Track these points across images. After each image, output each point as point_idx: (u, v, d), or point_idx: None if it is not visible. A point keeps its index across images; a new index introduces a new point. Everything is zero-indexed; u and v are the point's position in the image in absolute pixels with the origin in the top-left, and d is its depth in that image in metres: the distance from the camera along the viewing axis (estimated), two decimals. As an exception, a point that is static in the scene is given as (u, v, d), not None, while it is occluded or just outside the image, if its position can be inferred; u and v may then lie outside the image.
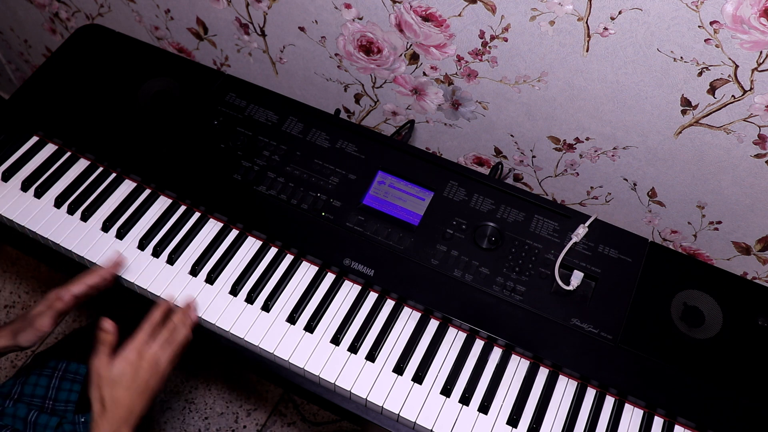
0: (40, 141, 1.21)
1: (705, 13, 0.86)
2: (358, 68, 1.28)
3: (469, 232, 1.10)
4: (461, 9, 1.04)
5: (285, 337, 1.02)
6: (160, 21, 1.47)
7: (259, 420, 1.73)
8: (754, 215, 1.13)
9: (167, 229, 1.12)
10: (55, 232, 1.11)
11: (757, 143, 1.01)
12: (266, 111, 1.22)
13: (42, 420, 1.09)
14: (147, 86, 1.26)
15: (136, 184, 1.17)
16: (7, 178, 1.16)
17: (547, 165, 1.28)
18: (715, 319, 1.04)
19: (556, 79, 1.08)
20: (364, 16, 1.16)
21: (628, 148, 1.14)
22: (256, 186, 1.14)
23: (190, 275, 1.08)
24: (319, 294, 1.07)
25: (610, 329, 1.02)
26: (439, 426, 0.96)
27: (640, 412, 0.99)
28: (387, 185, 1.14)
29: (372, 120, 1.42)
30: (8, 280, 1.90)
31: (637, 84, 1.01)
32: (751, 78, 0.92)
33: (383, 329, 1.04)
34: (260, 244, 1.11)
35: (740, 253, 1.23)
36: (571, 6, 0.94)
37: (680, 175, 1.14)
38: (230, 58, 1.47)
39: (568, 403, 1.00)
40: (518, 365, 1.02)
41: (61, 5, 1.59)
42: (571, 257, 1.08)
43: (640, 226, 1.30)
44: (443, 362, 1.02)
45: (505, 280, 1.06)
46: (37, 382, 1.17)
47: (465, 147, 1.34)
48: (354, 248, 1.08)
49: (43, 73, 1.28)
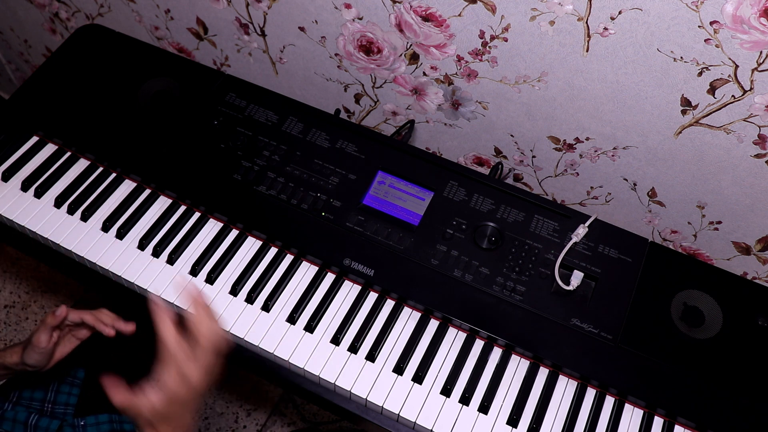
0: (40, 141, 1.21)
1: (705, 13, 0.86)
2: (358, 68, 1.28)
3: (469, 232, 1.10)
4: (461, 9, 1.04)
5: (285, 337, 1.02)
6: (160, 21, 1.47)
7: (259, 420, 1.73)
8: (754, 215, 1.13)
9: (167, 229, 1.12)
10: (55, 232, 1.11)
11: (757, 143, 1.01)
12: (266, 111, 1.22)
13: (43, 423, 1.09)
14: (147, 86, 1.26)
15: (136, 184, 1.17)
16: (7, 178, 1.16)
17: (547, 165, 1.28)
18: (715, 319, 1.04)
19: (556, 79, 1.08)
20: (364, 16, 1.16)
21: (628, 148, 1.14)
22: (256, 186, 1.14)
23: (190, 275, 1.08)
24: (319, 294, 1.07)
25: (610, 329, 1.02)
26: (439, 426, 0.96)
27: (640, 412, 0.99)
28: (387, 185, 1.14)
29: (372, 120, 1.42)
30: (8, 280, 1.90)
31: (637, 84, 1.01)
32: (751, 78, 0.92)
33: (383, 329, 1.04)
34: (260, 244, 1.11)
35: (740, 253, 1.23)
36: (571, 6, 0.94)
37: (680, 175, 1.14)
38: (230, 58, 1.47)
39: (568, 403, 1.00)
40: (518, 365, 1.02)
41: (61, 5, 1.59)
42: (571, 257, 1.08)
43: (640, 226, 1.30)
44: (443, 362, 1.02)
45: (505, 280, 1.06)
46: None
47: (465, 147, 1.34)
48: (354, 248, 1.08)
49: (43, 73, 1.28)
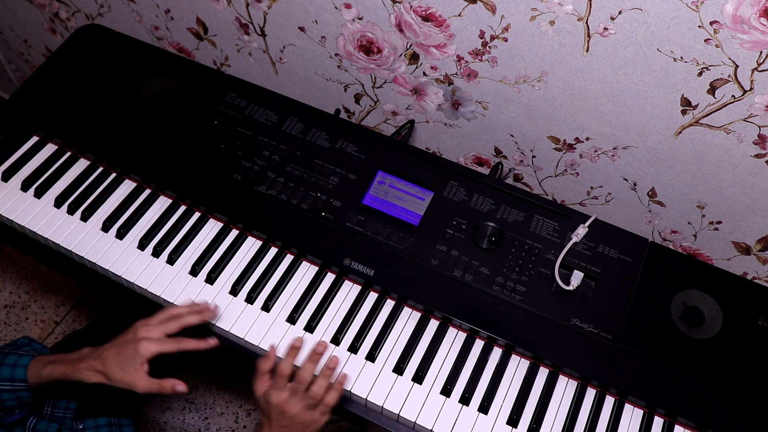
0: (40, 141, 1.21)
1: (705, 13, 0.86)
2: (358, 68, 1.28)
3: (469, 232, 1.10)
4: (461, 9, 1.04)
5: (285, 337, 1.02)
6: (160, 21, 1.47)
7: (259, 420, 1.72)
8: (754, 215, 1.13)
9: (167, 229, 1.12)
10: (55, 232, 1.11)
11: (757, 143, 1.01)
12: (266, 111, 1.22)
13: (41, 426, 1.09)
14: (147, 86, 1.26)
15: (136, 184, 1.17)
16: (7, 178, 1.16)
17: (547, 165, 1.28)
18: (715, 319, 1.04)
19: (556, 79, 1.08)
20: (364, 16, 1.16)
21: (628, 148, 1.14)
22: (256, 186, 1.14)
23: (190, 275, 1.08)
24: (319, 294, 1.07)
25: (610, 329, 1.02)
26: (439, 426, 0.96)
27: (640, 412, 0.99)
28: (387, 185, 1.14)
29: (372, 120, 1.42)
30: (8, 280, 1.90)
31: (637, 84, 1.01)
32: (751, 78, 0.92)
33: (383, 329, 1.04)
34: (260, 244, 1.11)
35: (740, 253, 1.23)
36: (571, 6, 0.94)
37: (680, 175, 1.14)
38: (230, 58, 1.47)
39: (568, 403, 1.00)
40: (518, 365, 1.02)
41: (61, 5, 1.59)
42: (571, 257, 1.08)
43: (640, 226, 1.30)
44: (443, 362, 1.02)
45: (505, 280, 1.06)
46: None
47: (465, 147, 1.34)
48: (354, 248, 1.08)
49: (43, 73, 1.28)
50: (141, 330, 0.95)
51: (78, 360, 0.95)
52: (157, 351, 0.93)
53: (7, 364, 0.96)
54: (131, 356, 0.93)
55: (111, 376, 0.92)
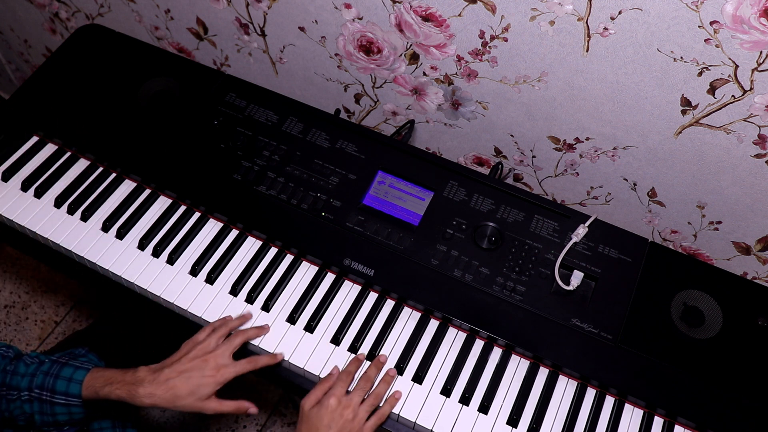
0: (40, 141, 1.21)
1: (705, 13, 0.86)
2: (358, 68, 1.28)
3: (469, 232, 1.10)
4: (461, 9, 1.04)
5: (285, 337, 1.02)
6: (160, 21, 1.47)
7: (259, 420, 1.72)
8: (754, 215, 1.13)
9: (167, 229, 1.12)
10: (55, 232, 1.11)
11: (757, 143, 1.01)
12: (266, 111, 1.22)
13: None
14: (147, 86, 1.26)
15: (136, 184, 1.17)
16: (7, 178, 1.16)
17: (547, 165, 1.28)
18: (715, 319, 1.04)
19: (556, 79, 1.08)
20: (364, 16, 1.16)
21: (628, 148, 1.14)
22: (256, 186, 1.14)
23: (190, 275, 1.08)
24: (319, 294, 1.07)
25: (610, 329, 1.02)
26: (439, 426, 0.96)
27: (640, 412, 0.99)
28: (387, 185, 1.14)
29: (372, 120, 1.42)
30: (8, 280, 1.90)
31: (637, 84, 1.01)
32: (751, 78, 0.92)
33: (383, 329, 1.04)
34: (260, 244, 1.11)
35: (740, 253, 1.23)
36: (571, 6, 0.94)
37: (680, 175, 1.14)
38: (230, 58, 1.47)
39: (568, 403, 1.00)
40: (518, 365, 1.02)
41: (61, 5, 1.59)
42: (571, 257, 1.08)
43: (640, 226, 1.30)
44: (443, 362, 1.02)
45: (505, 280, 1.06)
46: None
47: (465, 147, 1.34)
48: (354, 248, 1.08)
49: (43, 73, 1.28)
50: (211, 358, 0.93)
51: (136, 384, 0.91)
52: (234, 375, 0.93)
53: (63, 377, 0.93)
54: (208, 383, 0.91)
55: (180, 403, 0.91)
